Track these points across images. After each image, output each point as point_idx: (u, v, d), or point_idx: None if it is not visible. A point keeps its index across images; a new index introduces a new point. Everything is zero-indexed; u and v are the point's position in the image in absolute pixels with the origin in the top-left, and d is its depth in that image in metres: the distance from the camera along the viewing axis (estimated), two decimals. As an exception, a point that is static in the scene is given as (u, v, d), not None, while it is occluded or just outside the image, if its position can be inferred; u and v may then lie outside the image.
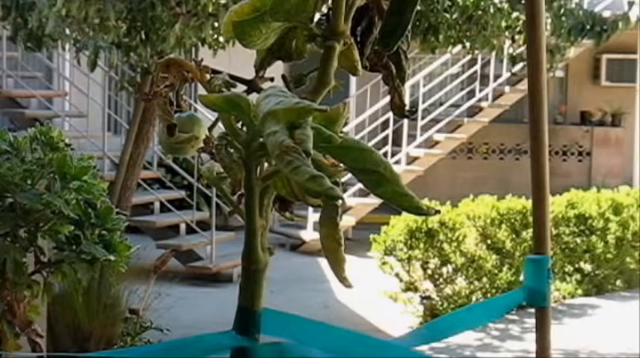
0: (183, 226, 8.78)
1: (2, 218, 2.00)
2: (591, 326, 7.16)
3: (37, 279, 2.05)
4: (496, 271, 7.39)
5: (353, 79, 10.72)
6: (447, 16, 7.02)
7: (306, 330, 1.27)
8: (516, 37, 7.35)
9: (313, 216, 9.34)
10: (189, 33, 5.98)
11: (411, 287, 7.23)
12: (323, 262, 6.62)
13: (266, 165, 1.07)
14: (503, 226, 7.50)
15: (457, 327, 1.96)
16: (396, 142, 10.87)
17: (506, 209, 7.57)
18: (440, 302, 7.20)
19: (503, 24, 7.15)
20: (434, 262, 7.21)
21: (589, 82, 12.84)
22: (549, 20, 6.94)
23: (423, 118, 10.87)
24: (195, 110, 6.68)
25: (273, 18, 1.01)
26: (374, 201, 9.67)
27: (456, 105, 11.30)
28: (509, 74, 10.92)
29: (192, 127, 1.13)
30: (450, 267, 7.25)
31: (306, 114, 0.90)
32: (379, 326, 6.79)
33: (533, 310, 2.18)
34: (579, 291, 8.11)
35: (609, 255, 8.23)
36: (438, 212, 1.06)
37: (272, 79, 1.13)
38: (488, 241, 7.44)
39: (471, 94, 11.48)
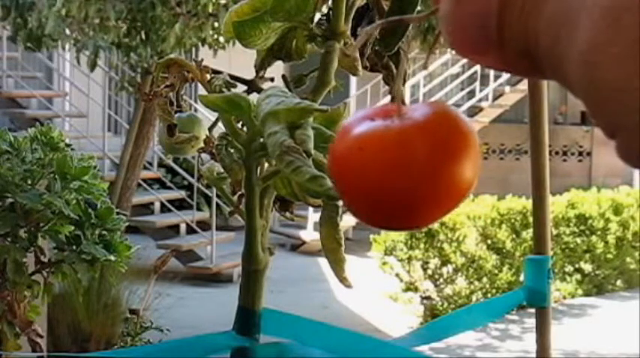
0: (183, 226, 8.78)
1: (2, 218, 2.00)
2: (591, 326, 7.16)
3: (38, 279, 2.05)
4: (496, 271, 7.39)
5: (353, 79, 10.73)
6: (447, 16, 7.03)
7: (306, 330, 1.27)
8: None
9: (313, 216, 9.35)
10: (190, 33, 5.99)
11: (411, 287, 7.23)
12: (323, 262, 6.63)
13: (266, 165, 1.07)
14: (504, 226, 7.51)
15: (457, 327, 1.96)
16: (396, 142, 10.87)
17: (507, 209, 7.57)
18: (440, 303, 7.20)
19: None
20: (434, 262, 7.21)
21: (589, 82, 12.83)
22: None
23: (423, 118, 10.87)
24: (196, 110, 6.68)
25: (273, 18, 1.01)
26: (374, 201, 9.65)
27: (456, 106, 11.30)
28: (509, 74, 10.91)
29: (192, 127, 1.14)
30: (450, 267, 7.25)
31: (307, 115, 0.90)
32: (379, 326, 6.79)
33: (533, 310, 2.18)
34: (579, 291, 8.11)
35: (609, 255, 8.23)
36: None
37: (272, 79, 1.13)
38: (489, 241, 7.44)
39: (471, 94, 11.49)
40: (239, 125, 1.05)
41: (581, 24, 0.32)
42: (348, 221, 9.91)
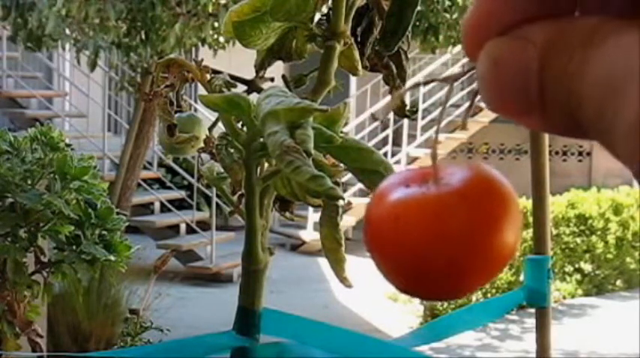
0: (183, 226, 8.78)
1: (2, 218, 2.00)
2: (591, 326, 7.16)
3: (37, 279, 2.05)
4: (496, 271, 7.39)
5: (353, 79, 10.73)
6: (447, 16, 7.03)
7: (306, 330, 1.28)
8: (516, 37, 7.35)
9: (313, 216, 9.35)
10: (189, 33, 5.99)
11: (411, 287, 7.23)
12: (323, 262, 6.63)
13: (266, 165, 1.07)
14: (504, 226, 7.50)
15: (457, 327, 1.96)
16: (396, 142, 10.88)
17: (507, 209, 7.57)
18: (440, 303, 7.20)
19: (504, 24, 7.15)
20: (434, 262, 7.20)
21: (589, 82, 12.82)
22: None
23: (423, 118, 10.88)
24: (196, 110, 6.68)
25: (273, 18, 1.01)
26: (374, 201, 9.64)
27: (456, 106, 11.30)
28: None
29: (192, 127, 1.14)
30: (450, 267, 7.24)
31: (307, 115, 0.90)
32: (379, 326, 6.79)
33: (533, 310, 2.18)
34: (579, 291, 8.11)
35: (609, 255, 8.23)
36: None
37: (272, 79, 1.13)
38: (489, 241, 7.43)
39: (471, 94, 11.47)
40: (239, 125, 1.05)
41: (627, 93, 0.29)
42: (348, 221, 9.91)
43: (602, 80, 0.30)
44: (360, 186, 3.83)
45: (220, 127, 1.07)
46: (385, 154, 9.98)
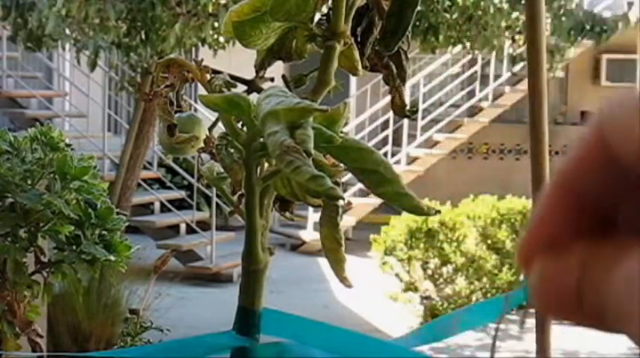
0: (183, 226, 8.78)
1: (2, 218, 2.00)
2: (591, 326, 7.15)
3: (37, 279, 2.05)
4: (496, 271, 7.39)
5: (353, 79, 10.72)
6: (447, 16, 7.03)
7: (306, 330, 1.28)
8: (516, 37, 7.36)
9: (313, 216, 9.35)
10: (190, 33, 5.99)
11: (411, 287, 7.23)
12: (323, 262, 6.62)
13: (266, 165, 1.07)
14: (504, 226, 7.50)
15: (457, 327, 1.96)
16: (396, 142, 10.88)
17: (507, 209, 7.57)
18: (440, 303, 7.21)
19: (503, 24, 7.16)
20: (434, 262, 7.20)
21: (589, 82, 12.83)
22: (549, 20, 6.95)
23: (423, 118, 10.88)
24: (196, 110, 6.68)
25: (273, 18, 1.01)
26: (374, 201, 9.67)
27: (456, 106, 11.30)
28: (509, 74, 10.95)
29: (192, 127, 1.14)
30: (450, 267, 7.25)
31: (307, 115, 0.90)
32: (379, 326, 6.79)
33: (533, 310, 2.18)
34: (579, 291, 8.11)
35: (609, 255, 8.23)
36: (438, 212, 1.06)
37: (272, 79, 1.13)
38: (489, 241, 7.44)
39: (471, 94, 11.49)
40: (239, 125, 1.05)
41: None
42: (348, 221, 9.91)
43: (619, 291, 0.38)
44: (360, 186, 3.82)
45: (220, 127, 1.07)
46: (385, 154, 9.98)
